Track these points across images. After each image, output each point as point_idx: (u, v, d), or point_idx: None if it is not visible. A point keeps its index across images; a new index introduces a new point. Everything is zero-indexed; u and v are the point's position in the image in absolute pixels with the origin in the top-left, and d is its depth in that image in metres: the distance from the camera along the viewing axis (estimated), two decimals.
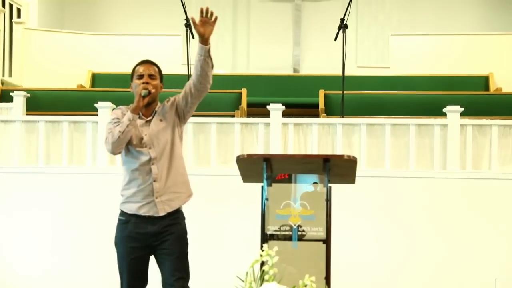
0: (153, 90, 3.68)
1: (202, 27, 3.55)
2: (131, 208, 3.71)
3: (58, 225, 5.90)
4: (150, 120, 3.74)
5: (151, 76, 3.73)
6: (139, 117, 3.72)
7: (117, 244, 3.77)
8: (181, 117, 3.80)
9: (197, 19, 3.55)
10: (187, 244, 3.77)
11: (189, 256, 3.74)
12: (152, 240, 3.68)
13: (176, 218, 3.73)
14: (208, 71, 3.62)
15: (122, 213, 3.77)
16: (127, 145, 3.69)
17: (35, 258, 5.89)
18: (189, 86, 3.70)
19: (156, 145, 3.68)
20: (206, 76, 3.62)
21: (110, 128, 3.65)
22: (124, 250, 3.72)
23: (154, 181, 3.66)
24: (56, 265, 5.87)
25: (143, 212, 3.67)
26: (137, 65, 3.80)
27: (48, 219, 5.91)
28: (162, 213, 3.67)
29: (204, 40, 3.55)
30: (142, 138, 3.69)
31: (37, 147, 6.17)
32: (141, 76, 3.72)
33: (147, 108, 3.74)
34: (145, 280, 3.77)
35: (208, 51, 3.57)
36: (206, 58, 3.58)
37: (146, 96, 3.64)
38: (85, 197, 5.93)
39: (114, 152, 3.70)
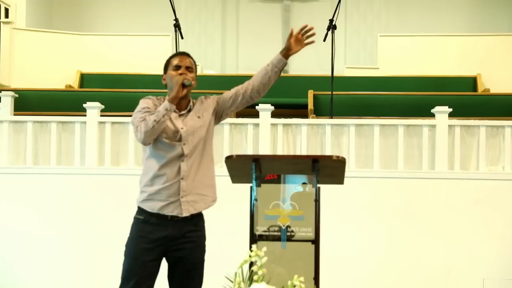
0: (193, 82, 3.53)
1: (294, 42, 3.54)
2: (153, 207, 3.48)
3: (46, 226, 5.87)
4: (183, 115, 3.56)
5: (188, 68, 3.57)
6: (173, 110, 3.51)
7: (129, 244, 3.52)
8: (217, 117, 3.67)
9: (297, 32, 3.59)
10: (205, 252, 3.66)
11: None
12: (170, 245, 3.50)
13: (197, 223, 3.59)
14: (271, 84, 3.58)
15: (141, 211, 3.53)
16: (157, 138, 3.48)
17: (21, 259, 5.86)
18: (244, 89, 3.60)
19: (190, 141, 3.51)
20: (268, 87, 3.57)
21: (142, 117, 3.44)
22: (138, 250, 3.49)
23: (182, 179, 3.47)
24: (43, 265, 5.84)
25: (167, 211, 3.47)
26: (172, 56, 3.65)
27: (36, 219, 5.88)
28: (185, 214, 3.48)
29: (287, 55, 3.54)
30: (177, 132, 3.49)
31: (25, 147, 6.14)
32: (178, 67, 3.56)
33: (181, 101, 3.55)
34: (152, 286, 3.55)
35: (284, 65, 3.55)
36: (279, 72, 3.55)
37: (188, 86, 3.48)
38: (73, 197, 5.90)
39: (145, 142, 3.46)
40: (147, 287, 3.51)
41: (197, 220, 3.59)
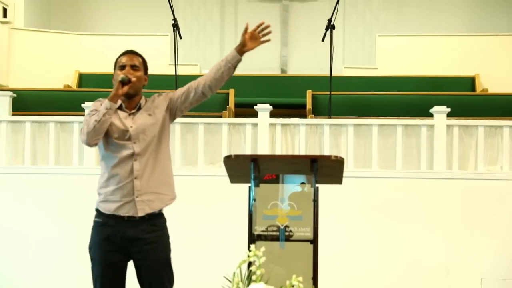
0: (133, 79, 3.44)
1: (249, 38, 3.49)
2: (109, 208, 3.46)
3: (44, 225, 5.87)
4: (134, 113, 3.50)
5: (133, 67, 3.50)
6: (122, 109, 3.50)
7: (91, 248, 3.52)
8: (171, 114, 3.60)
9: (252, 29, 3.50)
10: (169, 250, 3.56)
11: (175, 258, 3.61)
12: (131, 246, 3.44)
13: (156, 223, 3.49)
14: (225, 80, 3.52)
15: (99, 214, 3.51)
16: (108, 138, 3.46)
17: (20, 258, 5.86)
18: (197, 84, 3.53)
19: (141, 140, 3.45)
20: (221, 82, 3.52)
21: (87, 119, 3.44)
22: (100, 254, 3.47)
23: (136, 178, 3.42)
24: (42, 265, 5.84)
25: (122, 212, 3.43)
26: (120, 56, 3.59)
27: (35, 219, 5.88)
28: (141, 214, 3.42)
29: (242, 51, 3.49)
30: (126, 131, 3.45)
31: (23, 147, 6.14)
32: (123, 67, 3.50)
33: (130, 100, 3.52)
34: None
35: (238, 62, 3.50)
36: (233, 68, 3.50)
37: (125, 83, 3.40)
38: (72, 197, 5.90)
39: (89, 143, 3.44)
40: (120, 286, 3.51)
41: (156, 219, 3.51)
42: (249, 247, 3.21)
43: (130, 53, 3.59)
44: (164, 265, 3.50)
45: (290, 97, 8.48)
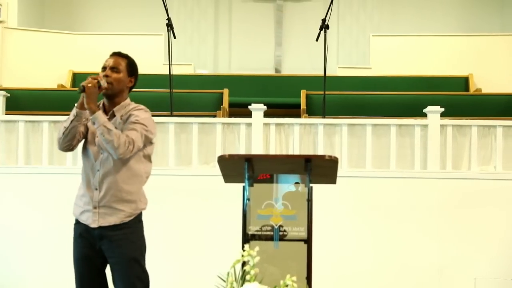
0: (104, 84, 3.39)
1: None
2: (75, 212, 3.52)
3: (38, 225, 5.85)
4: (109, 119, 3.42)
5: (113, 69, 3.46)
6: (103, 111, 3.43)
7: (72, 246, 3.53)
8: None
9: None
10: (139, 249, 3.48)
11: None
12: (101, 244, 3.42)
13: (120, 226, 3.42)
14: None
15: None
16: (85, 141, 3.47)
17: (14, 258, 5.85)
18: None
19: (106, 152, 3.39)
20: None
21: (59, 126, 3.47)
22: (75, 250, 3.49)
23: (96, 189, 3.42)
24: (37, 265, 5.82)
25: (82, 219, 3.46)
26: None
27: (28, 219, 5.86)
28: (94, 225, 3.40)
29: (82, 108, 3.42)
30: (95, 138, 3.43)
31: (17, 147, 6.12)
32: (104, 68, 3.49)
33: (109, 102, 3.49)
34: (103, 284, 3.49)
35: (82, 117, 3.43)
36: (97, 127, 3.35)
37: (81, 91, 3.34)
38: (66, 197, 5.87)
39: (61, 148, 3.45)
40: (97, 284, 3.50)
41: (119, 229, 3.42)
42: (243, 246, 3.21)
43: (114, 55, 3.56)
44: (132, 263, 3.42)
45: (284, 97, 8.48)
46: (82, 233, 3.46)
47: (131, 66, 3.56)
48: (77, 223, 3.51)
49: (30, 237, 5.86)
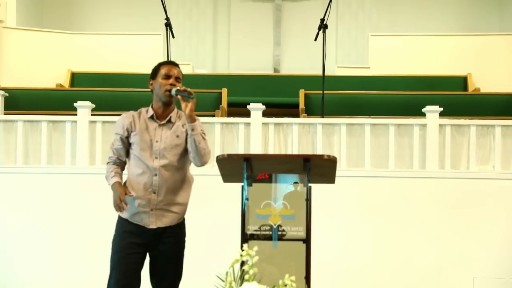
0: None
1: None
2: (125, 215, 3.65)
3: (36, 225, 5.85)
4: (163, 125, 3.65)
5: (177, 79, 3.65)
6: (153, 120, 3.64)
7: (115, 240, 3.66)
8: None
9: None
10: (184, 247, 3.76)
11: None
12: (152, 239, 3.62)
13: (173, 228, 3.67)
14: (200, 148, 3.64)
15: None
16: (133, 148, 3.63)
17: (11, 258, 5.84)
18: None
19: (164, 157, 3.61)
20: (198, 151, 3.64)
21: (112, 149, 3.68)
22: (123, 245, 3.62)
23: (153, 192, 3.60)
24: (34, 265, 5.82)
25: (135, 220, 3.61)
26: (162, 64, 3.70)
27: (27, 219, 5.86)
28: (152, 226, 3.61)
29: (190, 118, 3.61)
30: (151, 145, 3.62)
31: (15, 147, 6.12)
32: (168, 77, 3.62)
33: (165, 108, 3.66)
34: (138, 280, 3.64)
35: (192, 128, 3.61)
36: (196, 135, 3.61)
37: (192, 98, 3.55)
38: (64, 197, 5.89)
39: None
40: (132, 279, 3.61)
41: (171, 228, 3.69)
42: (242, 246, 3.21)
43: (173, 64, 3.71)
44: (179, 259, 3.70)
45: (283, 97, 8.48)
46: (132, 230, 3.62)
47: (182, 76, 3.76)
48: (124, 220, 3.66)
49: (30, 237, 5.85)
